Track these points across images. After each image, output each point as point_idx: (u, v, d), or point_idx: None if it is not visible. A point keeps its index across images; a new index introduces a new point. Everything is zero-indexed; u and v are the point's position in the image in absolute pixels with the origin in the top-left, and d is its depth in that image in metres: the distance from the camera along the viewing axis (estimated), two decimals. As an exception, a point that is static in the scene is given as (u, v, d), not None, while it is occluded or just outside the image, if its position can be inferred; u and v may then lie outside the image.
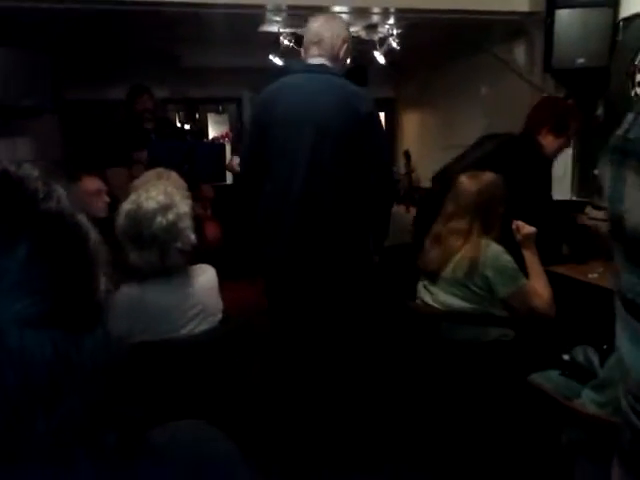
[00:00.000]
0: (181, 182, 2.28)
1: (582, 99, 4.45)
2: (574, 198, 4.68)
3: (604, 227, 3.63)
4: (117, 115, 4.88)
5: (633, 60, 3.90)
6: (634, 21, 3.89)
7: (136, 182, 2.37)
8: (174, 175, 2.37)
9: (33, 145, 4.85)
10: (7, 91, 3.90)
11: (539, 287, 2.23)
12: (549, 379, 1.79)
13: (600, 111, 4.27)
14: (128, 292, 1.79)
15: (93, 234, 0.57)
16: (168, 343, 1.78)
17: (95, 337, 0.53)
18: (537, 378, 1.81)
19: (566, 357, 1.93)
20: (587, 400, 1.48)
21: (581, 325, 2.36)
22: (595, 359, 1.84)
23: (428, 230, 2.39)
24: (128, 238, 1.80)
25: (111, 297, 0.61)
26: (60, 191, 0.54)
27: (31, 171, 0.53)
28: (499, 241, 2.24)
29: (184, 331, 1.83)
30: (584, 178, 4.57)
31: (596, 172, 3.85)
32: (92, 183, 2.97)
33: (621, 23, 3.99)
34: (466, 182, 2.26)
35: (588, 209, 3.92)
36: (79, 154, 5.40)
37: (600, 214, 3.78)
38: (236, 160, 5.23)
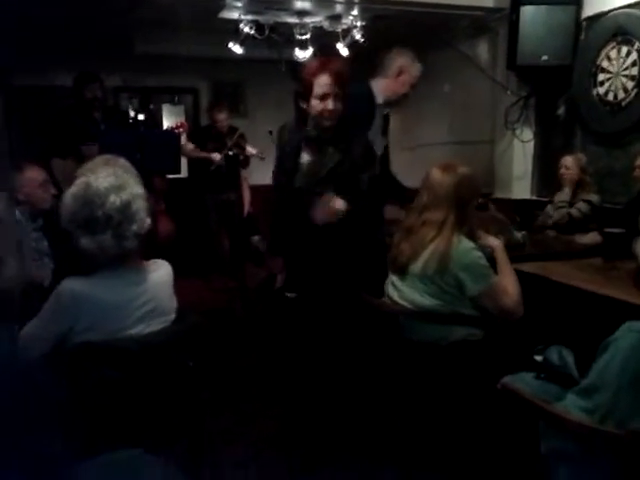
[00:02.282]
0: (132, 168, 2.09)
1: (544, 97, 4.45)
2: (534, 197, 4.69)
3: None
4: (65, 103, 4.60)
5: (595, 60, 3.91)
6: (597, 20, 3.91)
7: (81, 169, 2.17)
8: (122, 161, 2.18)
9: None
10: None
11: (508, 285, 2.15)
12: (523, 382, 1.70)
13: (561, 110, 4.28)
14: (71, 285, 1.61)
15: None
16: (115, 343, 1.61)
17: None
18: (510, 381, 1.72)
19: (539, 358, 1.85)
20: (572, 406, 1.39)
21: (549, 325, 2.31)
22: (570, 359, 1.76)
23: None
24: (77, 223, 1.61)
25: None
26: None
27: None
28: (470, 236, 2.16)
29: (133, 331, 1.66)
30: (544, 177, 4.58)
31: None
32: (38, 173, 2.80)
33: (584, 22, 4.00)
34: (440, 174, 2.17)
35: (548, 208, 3.91)
36: (24, 142, 5.09)
37: (560, 213, 3.77)
38: (190, 146, 5.05)
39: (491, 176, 4.90)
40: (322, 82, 2.36)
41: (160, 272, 1.79)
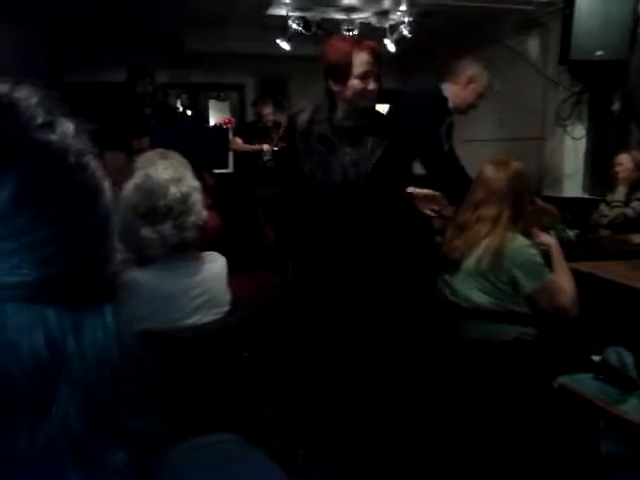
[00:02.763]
0: (186, 162, 2.14)
1: (598, 93, 4.32)
2: (586, 196, 4.57)
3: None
4: (115, 98, 4.71)
5: (654, 54, 3.78)
6: (656, 13, 3.77)
7: (138, 162, 2.23)
8: (177, 155, 2.23)
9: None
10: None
11: (564, 283, 2.11)
12: (581, 383, 1.67)
13: (616, 106, 4.15)
14: (131, 274, 1.64)
15: (108, 189, 0.43)
16: (172, 332, 1.64)
17: (102, 319, 0.39)
18: (567, 381, 1.68)
19: (597, 358, 1.81)
20: (634, 410, 1.35)
21: (606, 325, 2.25)
22: (629, 361, 1.72)
23: None
24: (138, 213, 1.65)
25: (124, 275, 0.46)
26: (67, 125, 0.41)
27: (29, 95, 0.39)
28: (525, 233, 2.13)
29: (189, 321, 1.69)
30: (597, 175, 4.46)
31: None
32: None
33: (642, 15, 3.87)
34: (494, 170, 2.15)
35: (602, 206, 3.81)
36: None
37: (615, 213, 3.67)
38: (239, 140, 5.15)
39: (539, 173, 4.79)
40: (363, 60, 2.17)
41: (216, 264, 1.82)
